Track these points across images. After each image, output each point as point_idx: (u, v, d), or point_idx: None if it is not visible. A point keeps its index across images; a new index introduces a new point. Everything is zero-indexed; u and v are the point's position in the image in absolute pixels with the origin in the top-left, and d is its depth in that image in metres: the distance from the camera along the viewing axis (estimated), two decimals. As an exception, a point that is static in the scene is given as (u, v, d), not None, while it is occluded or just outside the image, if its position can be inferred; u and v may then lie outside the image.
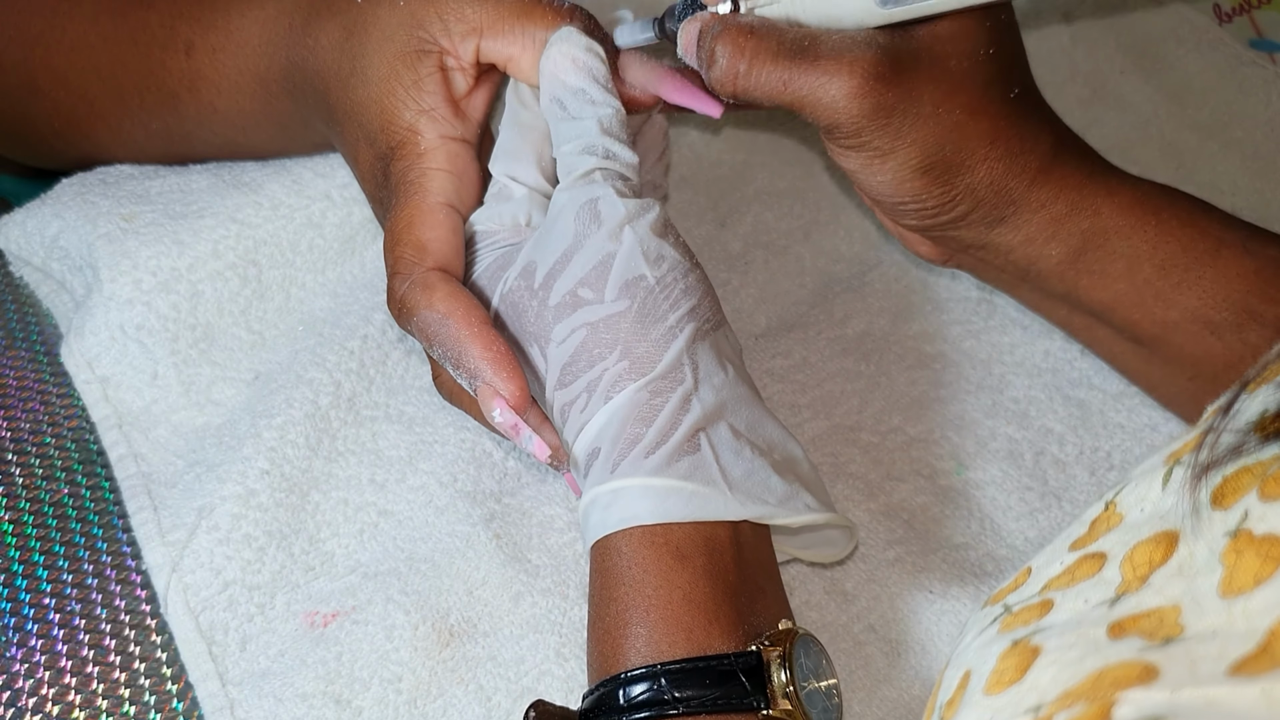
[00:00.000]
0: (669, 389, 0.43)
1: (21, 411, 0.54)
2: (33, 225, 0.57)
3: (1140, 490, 0.34)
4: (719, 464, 0.43)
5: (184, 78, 0.54)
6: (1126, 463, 0.53)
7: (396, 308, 0.46)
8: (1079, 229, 0.47)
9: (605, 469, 0.43)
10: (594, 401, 0.44)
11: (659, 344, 0.44)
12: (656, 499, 0.42)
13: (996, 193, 0.47)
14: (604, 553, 0.42)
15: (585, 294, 0.44)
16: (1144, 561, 0.31)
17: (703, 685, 0.39)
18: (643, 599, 0.41)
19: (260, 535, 0.49)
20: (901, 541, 0.50)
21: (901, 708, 0.46)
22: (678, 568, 0.41)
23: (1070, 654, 0.30)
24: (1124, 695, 0.27)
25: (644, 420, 0.43)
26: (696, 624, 0.40)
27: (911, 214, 0.48)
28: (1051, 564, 0.35)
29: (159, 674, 0.47)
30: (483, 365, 0.43)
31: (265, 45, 0.52)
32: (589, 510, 0.43)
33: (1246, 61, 0.67)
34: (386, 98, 0.48)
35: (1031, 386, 0.56)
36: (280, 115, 0.54)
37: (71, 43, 0.56)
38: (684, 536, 0.42)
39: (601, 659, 0.41)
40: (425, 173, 0.47)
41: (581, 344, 0.44)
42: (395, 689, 0.46)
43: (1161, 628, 0.29)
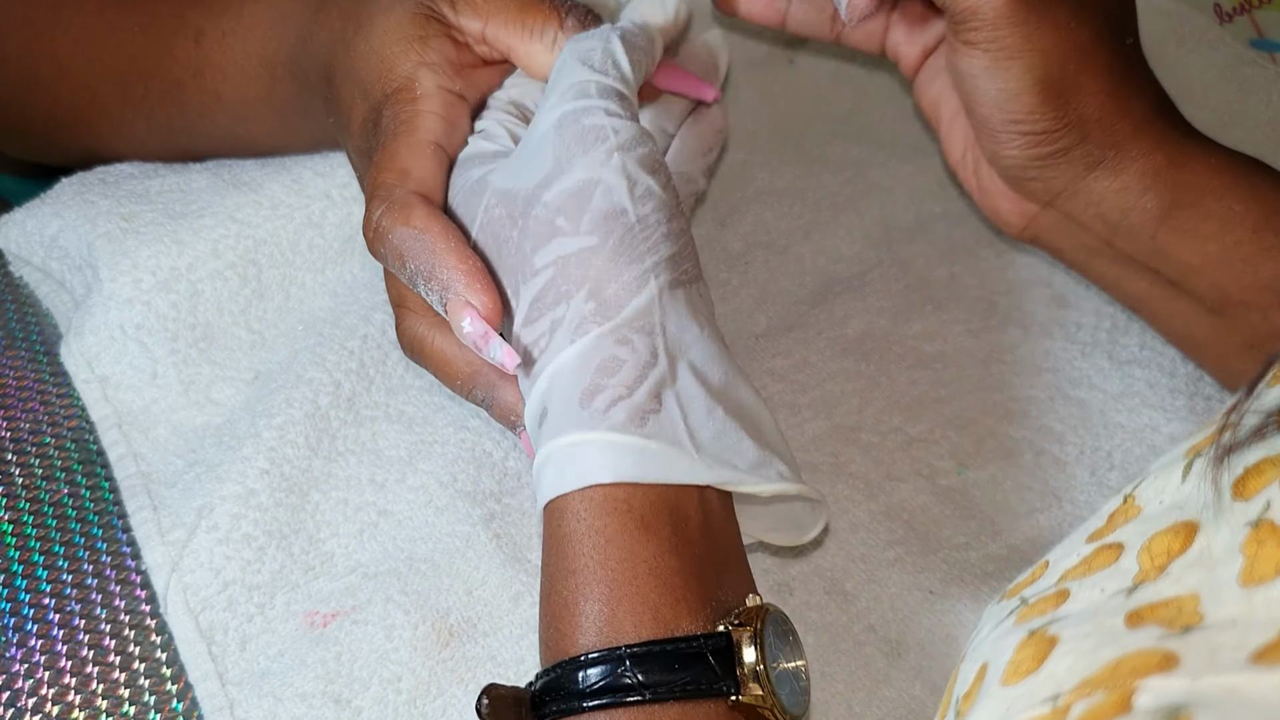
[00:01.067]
0: (637, 338, 0.41)
1: (21, 411, 0.54)
2: (32, 225, 0.57)
3: (1159, 483, 0.33)
4: (687, 424, 0.40)
5: (191, 64, 0.54)
6: (1127, 463, 0.53)
7: (371, 231, 0.45)
8: (1175, 182, 0.47)
9: (562, 420, 0.40)
10: (555, 343, 0.41)
11: (630, 287, 0.41)
12: (617, 456, 0.39)
13: (1103, 129, 0.47)
14: (560, 517, 0.40)
15: (561, 223, 0.42)
16: (1162, 551, 0.31)
17: (670, 669, 0.37)
18: (605, 573, 0.38)
19: (260, 535, 0.49)
20: (902, 542, 0.50)
21: (902, 708, 0.46)
22: (643, 539, 0.39)
23: (1087, 643, 0.29)
24: (1143, 683, 0.27)
25: (607, 370, 0.40)
26: (663, 602, 0.38)
27: (1020, 137, 0.47)
28: (1068, 556, 0.34)
29: (158, 674, 0.47)
30: (455, 276, 0.42)
31: (275, 27, 0.52)
32: (543, 467, 0.40)
33: (1247, 61, 0.66)
34: (388, 48, 0.47)
35: (1032, 386, 0.55)
36: (281, 101, 0.54)
37: (77, 34, 0.56)
38: (649, 504, 0.39)
39: (557, 636, 0.39)
40: (418, 113, 0.47)
41: (550, 279, 0.42)
42: (395, 689, 0.46)
43: (1180, 616, 0.28)
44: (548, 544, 0.40)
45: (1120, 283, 0.51)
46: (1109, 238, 0.49)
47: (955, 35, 0.47)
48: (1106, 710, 0.27)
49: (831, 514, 0.51)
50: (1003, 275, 0.59)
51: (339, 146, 0.56)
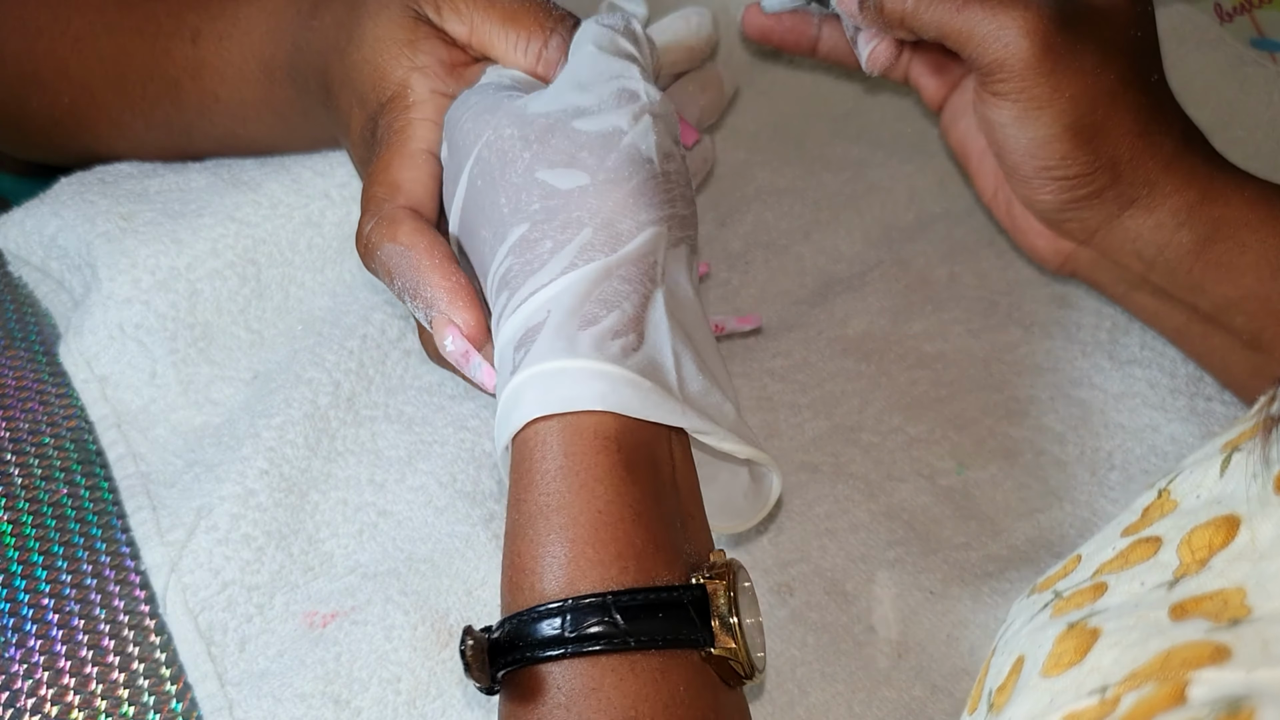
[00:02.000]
0: (638, 278, 0.40)
1: (20, 412, 0.54)
2: (31, 224, 0.57)
3: (1195, 477, 0.33)
4: (679, 373, 0.40)
5: (188, 65, 0.54)
6: (1127, 463, 0.53)
7: (362, 245, 0.45)
8: (1210, 217, 0.48)
9: (554, 343, 0.38)
10: (552, 265, 0.40)
11: (642, 227, 0.41)
12: (611, 386, 0.38)
13: (1135, 169, 0.47)
14: (542, 446, 0.38)
15: (584, 157, 0.42)
16: (1203, 545, 0.31)
17: (655, 618, 0.36)
18: (592, 512, 0.37)
19: (259, 535, 0.49)
20: (902, 542, 0.50)
21: (902, 708, 0.46)
22: (629, 480, 0.38)
23: (1132, 635, 0.29)
24: (1197, 675, 0.26)
25: (605, 303, 0.39)
26: (645, 549, 0.37)
27: (1053, 182, 0.48)
28: (1103, 550, 0.34)
29: (158, 674, 0.47)
30: (439, 294, 0.43)
31: (272, 31, 0.52)
32: (522, 389, 0.38)
33: (1247, 61, 0.66)
34: (379, 55, 0.48)
35: (1032, 386, 0.55)
36: (281, 104, 0.54)
37: (76, 33, 0.56)
38: (634, 445, 0.38)
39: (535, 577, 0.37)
40: (411, 122, 0.47)
41: (561, 204, 0.41)
42: (394, 689, 0.46)
43: (1226, 610, 0.28)
44: (521, 478, 0.38)
45: (1159, 316, 0.52)
46: (1145, 273, 0.50)
47: (983, 86, 0.47)
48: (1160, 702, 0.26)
49: (832, 514, 0.51)
50: (1003, 275, 0.59)
51: (339, 145, 0.56)
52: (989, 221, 0.61)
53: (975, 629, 0.48)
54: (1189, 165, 0.48)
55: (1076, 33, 0.46)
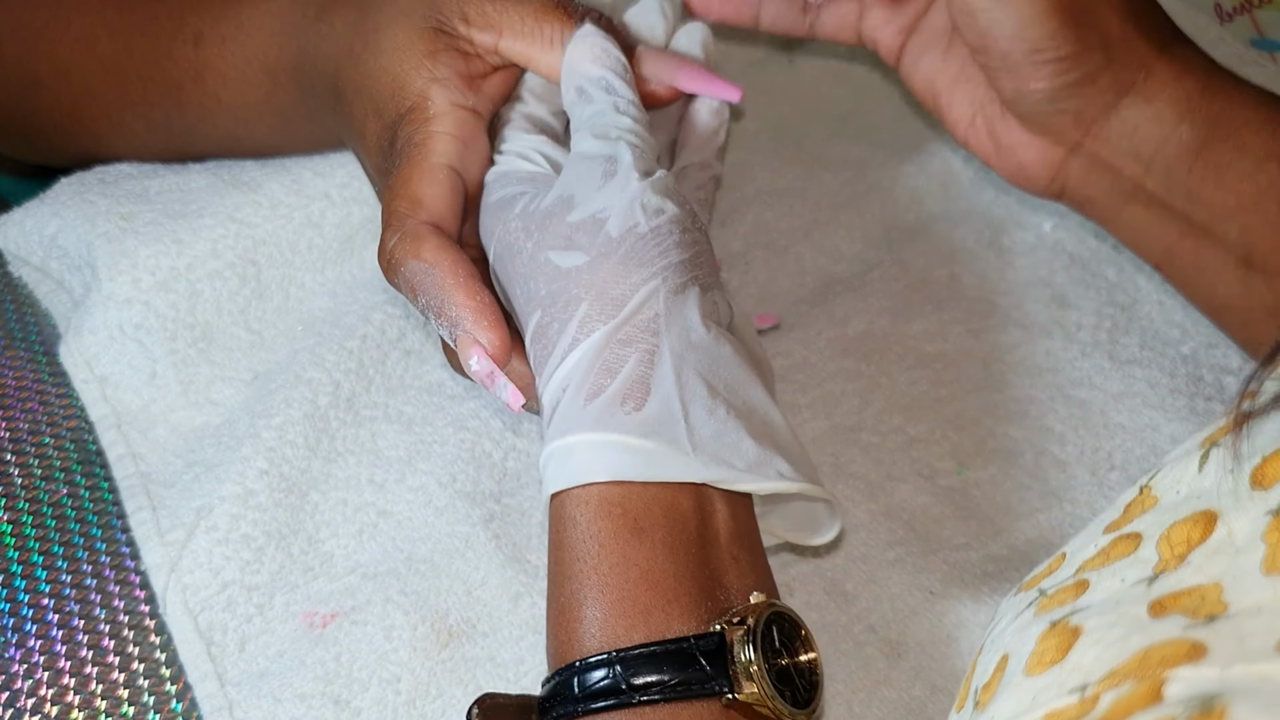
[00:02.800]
0: (639, 337, 0.41)
1: (20, 412, 0.54)
2: (31, 224, 0.57)
3: (1175, 473, 0.34)
4: (687, 422, 0.40)
5: (190, 68, 0.54)
6: (1127, 463, 0.53)
7: (385, 260, 0.45)
8: (1210, 113, 0.46)
9: (565, 421, 0.41)
10: (560, 347, 0.42)
11: (635, 287, 0.42)
12: (614, 455, 0.39)
13: (1128, 49, 0.46)
14: (559, 520, 0.40)
15: (579, 239, 0.43)
16: (1182, 540, 0.31)
17: (660, 671, 0.37)
18: (598, 577, 0.39)
19: (259, 535, 0.49)
20: (902, 542, 0.50)
21: (902, 708, 0.46)
22: (635, 542, 0.39)
23: (1112, 633, 0.29)
24: (1173, 673, 0.27)
25: (608, 370, 0.41)
26: (655, 605, 0.38)
27: (1044, 65, 0.46)
28: (1086, 547, 0.34)
29: (157, 674, 0.47)
30: (464, 314, 0.43)
31: (276, 34, 0.52)
32: (546, 464, 0.41)
33: (1247, 61, 0.66)
34: (398, 65, 0.47)
35: (1032, 386, 0.55)
36: (284, 107, 0.54)
37: (76, 35, 0.56)
38: (643, 506, 0.39)
39: (558, 643, 0.39)
40: (431, 135, 0.47)
41: (561, 287, 0.42)
42: (394, 689, 0.46)
43: (1204, 605, 0.29)
44: (550, 547, 0.41)
45: (1149, 233, 0.50)
46: (1141, 179, 0.48)
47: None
48: (1137, 701, 0.27)
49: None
50: (1003, 275, 0.59)
51: (341, 146, 0.56)
52: (989, 222, 0.61)
53: (975, 629, 0.48)
54: (1184, 55, 0.47)
55: None
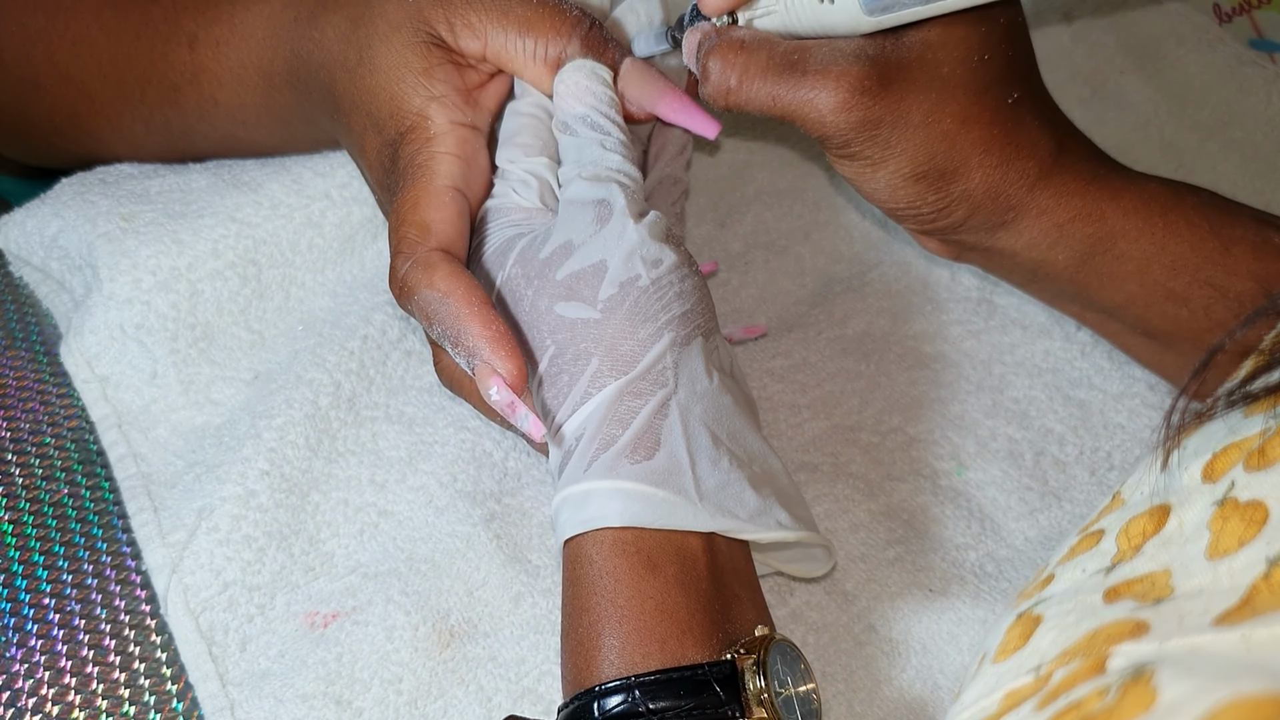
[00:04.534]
0: (649, 391, 0.43)
1: (21, 412, 0.54)
2: (32, 225, 0.57)
3: (1139, 476, 0.36)
4: (694, 473, 0.42)
5: (186, 71, 0.54)
6: (1127, 463, 0.53)
7: (398, 287, 0.46)
8: (1084, 234, 0.47)
9: (579, 469, 0.42)
10: (572, 398, 0.43)
11: (644, 344, 0.43)
12: (626, 503, 0.41)
13: (994, 199, 0.47)
14: (576, 559, 0.42)
15: (581, 289, 0.44)
16: (1138, 533, 0.34)
17: (677, 696, 0.39)
18: (615, 609, 0.41)
19: (260, 536, 0.49)
20: (902, 541, 0.50)
21: (903, 707, 0.46)
22: (649, 577, 0.41)
23: (1068, 619, 0.32)
24: (1116, 649, 0.29)
25: (621, 422, 0.43)
26: (670, 634, 0.40)
27: (910, 219, 0.48)
28: (1060, 549, 0.37)
29: (159, 674, 0.47)
30: (481, 343, 0.43)
31: (269, 38, 0.52)
32: (560, 509, 0.43)
33: (1246, 61, 0.67)
34: (396, 84, 0.48)
35: (1031, 387, 0.55)
36: (281, 109, 0.54)
37: (74, 37, 0.56)
38: (655, 545, 0.42)
39: (575, 670, 0.41)
40: (434, 156, 0.47)
41: (568, 339, 0.44)
42: (396, 689, 0.46)
43: (1153, 590, 0.31)
44: (567, 586, 0.43)
45: (1057, 306, 0.53)
46: (1029, 282, 0.51)
47: (824, 149, 0.48)
48: (1082, 674, 0.29)
49: (831, 514, 0.51)
50: (1003, 275, 0.59)
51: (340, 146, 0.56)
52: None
53: (975, 627, 0.48)
54: (1059, 183, 0.47)
55: (899, 89, 0.45)
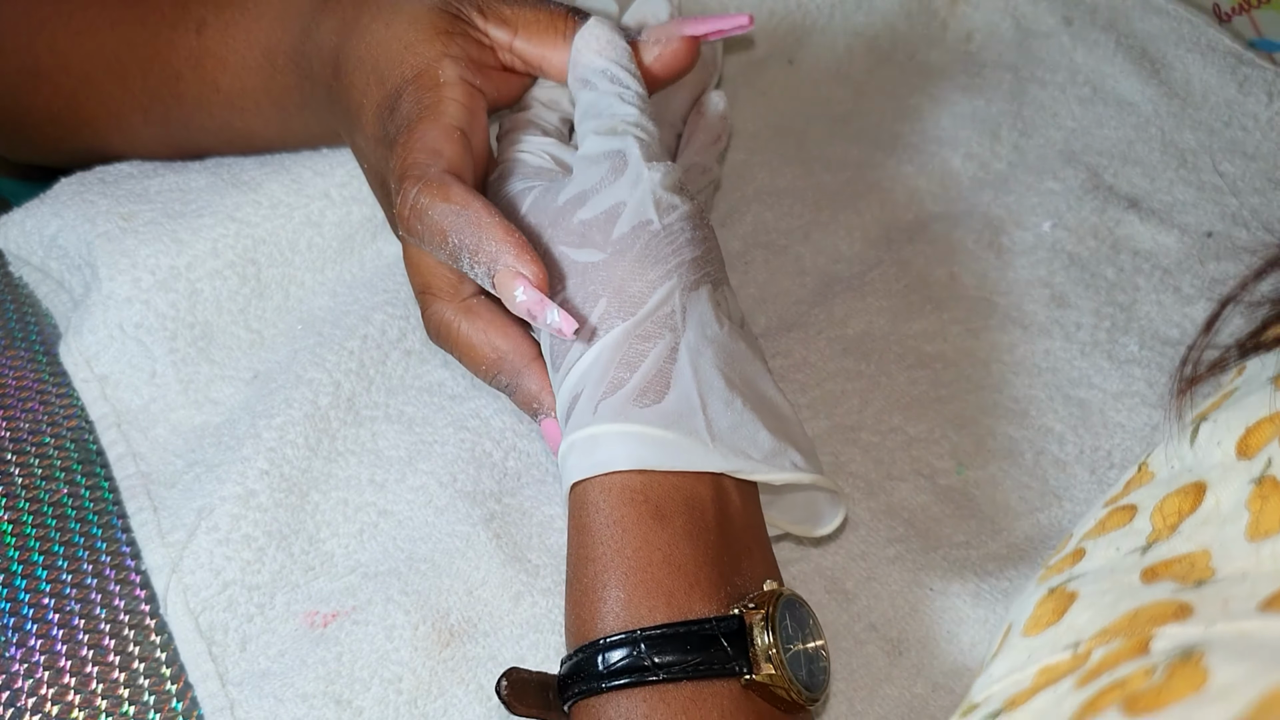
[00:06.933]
0: (657, 333, 0.42)
1: (21, 411, 0.54)
2: (31, 224, 0.57)
3: (1169, 449, 0.35)
4: (705, 414, 0.42)
5: (190, 56, 0.54)
6: (1127, 461, 0.53)
7: (407, 209, 0.45)
8: None
9: (586, 412, 0.42)
10: (580, 340, 0.43)
11: (653, 285, 0.43)
12: (635, 446, 0.41)
13: None
14: (582, 506, 0.41)
15: (593, 235, 0.44)
16: (1174, 511, 0.33)
17: (683, 650, 0.38)
18: (622, 560, 0.40)
19: (260, 535, 0.49)
20: (902, 540, 0.50)
21: (903, 706, 0.46)
22: (657, 528, 0.40)
23: (1106, 598, 0.31)
24: (1160, 630, 0.28)
25: (629, 365, 0.42)
26: (677, 588, 0.39)
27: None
28: (1087, 521, 0.36)
29: (158, 674, 0.47)
30: (505, 248, 0.43)
31: (281, 17, 0.52)
32: (567, 455, 0.42)
33: (1246, 61, 0.67)
34: (411, 34, 0.48)
35: (1031, 386, 0.55)
36: (280, 94, 0.54)
37: (79, 26, 0.56)
38: (664, 494, 0.41)
39: (579, 622, 0.40)
40: (442, 99, 0.47)
41: (578, 283, 0.43)
42: (396, 689, 0.46)
43: (1193, 572, 0.30)
44: (570, 532, 0.42)
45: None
46: None
47: None
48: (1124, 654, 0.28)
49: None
50: (1002, 275, 0.59)
51: (336, 142, 0.56)
52: (989, 222, 0.61)
53: (975, 626, 0.48)
54: None
55: None
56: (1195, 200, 0.62)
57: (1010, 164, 0.64)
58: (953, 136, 0.65)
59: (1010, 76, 0.67)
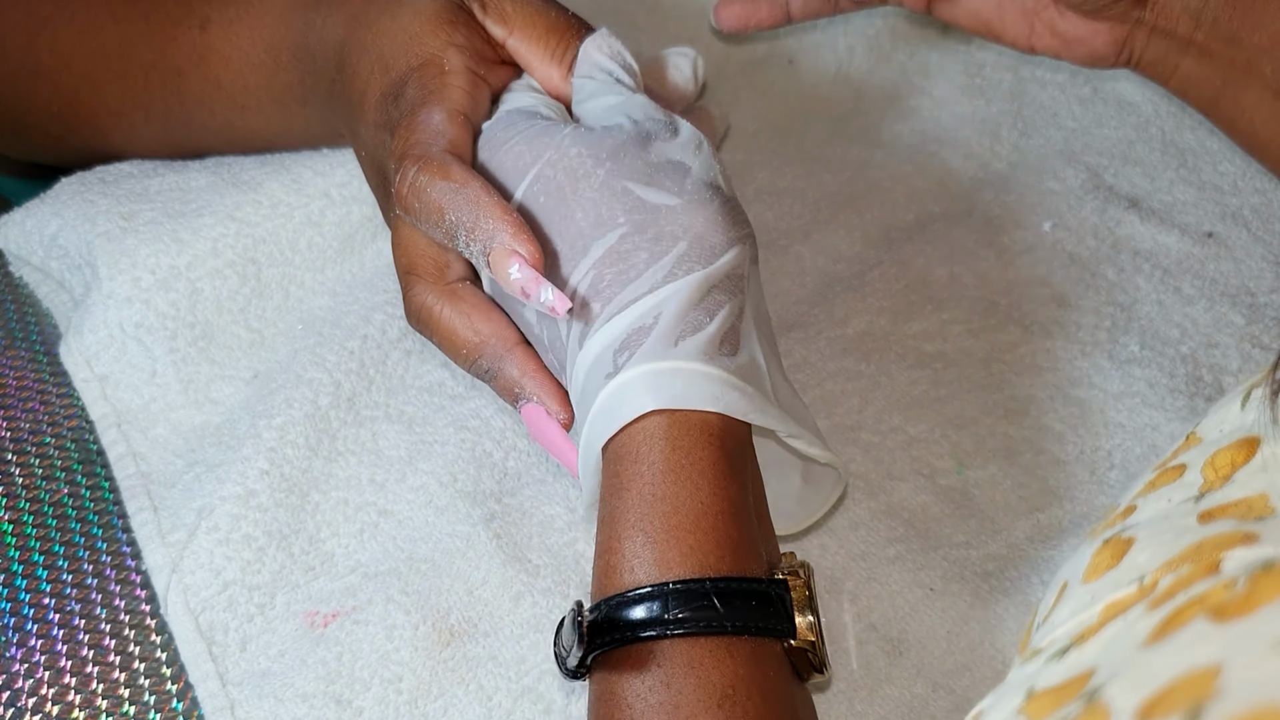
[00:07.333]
0: (732, 290, 0.43)
1: (21, 411, 0.54)
2: (32, 224, 0.57)
3: (1219, 416, 0.36)
4: (770, 379, 0.42)
5: (193, 52, 0.55)
6: (1127, 462, 0.53)
7: (407, 187, 0.45)
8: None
9: (662, 346, 0.41)
10: (651, 274, 0.42)
11: (730, 244, 0.44)
12: (722, 389, 0.40)
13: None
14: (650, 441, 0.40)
15: (664, 181, 0.44)
16: (1226, 463, 0.33)
17: (749, 606, 0.38)
18: (695, 504, 0.39)
19: (260, 535, 0.49)
20: (902, 540, 0.50)
21: (904, 706, 0.46)
22: (729, 476, 0.40)
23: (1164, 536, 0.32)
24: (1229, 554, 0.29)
25: (708, 311, 0.42)
26: (741, 543, 0.40)
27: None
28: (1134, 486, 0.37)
29: (159, 674, 0.47)
30: (501, 226, 0.43)
31: (285, 14, 0.53)
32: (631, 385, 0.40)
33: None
34: (418, 24, 0.49)
35: (1031, 386, 0.55)
36: (281, 91, 0.54)
37: (81, 24, 0.56)
38: (735, 445, 0.41)
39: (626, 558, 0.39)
40: (448, 85, 0.48)
41: (648, 220, 0.43)
42: (396, 689, 0.46)
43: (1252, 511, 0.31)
44: (626, 469, 0.40)
45: (1199, 83, 0.56)
46: (1192, 34, 0.54)
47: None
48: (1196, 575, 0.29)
49: (832, 512, 0.51)
50: (1002, 275, 0.59)
51: (336, 142, 0.56)
52: (989, 222, 0.61)
53: (975, 626, 0.48)
54: None
55: None
56: (1195, 200, 0.62)
57: (1010, 164, 0.64)
58: (953, 136, 0.65)
59: (1010, 76, 0.67)
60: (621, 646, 0.39)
